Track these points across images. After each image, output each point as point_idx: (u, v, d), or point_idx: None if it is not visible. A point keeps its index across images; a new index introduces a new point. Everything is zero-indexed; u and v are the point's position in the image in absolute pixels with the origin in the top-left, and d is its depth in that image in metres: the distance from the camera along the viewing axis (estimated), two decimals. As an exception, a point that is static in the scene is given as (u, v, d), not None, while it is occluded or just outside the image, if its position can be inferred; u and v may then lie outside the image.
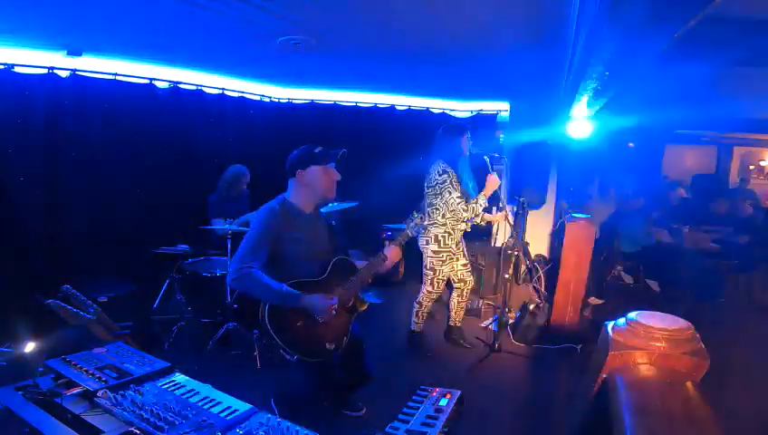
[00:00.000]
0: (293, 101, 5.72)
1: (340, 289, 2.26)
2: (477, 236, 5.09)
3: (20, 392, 1.53)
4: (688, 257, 4.92)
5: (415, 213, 2.56)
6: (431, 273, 3.50)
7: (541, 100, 5.21)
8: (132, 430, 1.32)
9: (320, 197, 2.28)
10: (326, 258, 2.29)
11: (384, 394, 3.01)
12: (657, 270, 5.14)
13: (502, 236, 5.02)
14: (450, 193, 3.28)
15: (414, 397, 2.79)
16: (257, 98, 5.30)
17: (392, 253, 2.39)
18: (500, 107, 5.82)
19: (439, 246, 3.42)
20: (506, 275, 3.88)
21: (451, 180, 3.29)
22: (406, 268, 5.37)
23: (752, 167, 8.95)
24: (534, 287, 4.67)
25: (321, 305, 2.09)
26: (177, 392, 1.54)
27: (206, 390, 1.57)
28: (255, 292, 2.07)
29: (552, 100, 4.99)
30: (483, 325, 4.26)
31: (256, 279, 2.01)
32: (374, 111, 5.90)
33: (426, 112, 6.03)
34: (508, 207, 4.14)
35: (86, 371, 1.61)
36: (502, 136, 5.94)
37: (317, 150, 2.22)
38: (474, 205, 3.29)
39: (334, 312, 2.14)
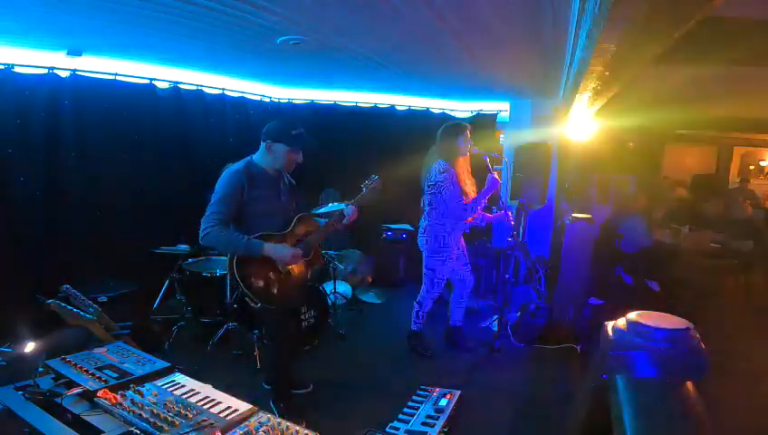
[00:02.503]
0: (293, 101, 5.72)
1: (303, 242, 2.49)
2: (477, 236, 5.10)
3: (20, 392, 1.53)
4: (688, 257, 4.91)
5: (374, 175, 2.78)
6: (431, 272, 3.50)
7: (541, 100, 5.21)
8: (132, 430, 1.32)
9: (278, 168, 2.51)
10: (289, 214, 2.53)
11: (384, 394, 3.01)
12: (657, 270, 5.14)
13: (501, 236, 5.03)
14: (450, 192, 3.28)
15: (414, 397, 2.81)
16: (257, 98, 5.30)
17: (349, 213, 2.64)
18: (500, 107, 5.82)
19: (439, 246, 3.42)
20: (506, 276, 3.88)
21: (451, 179, 3.29)
22: (406, 268, 5.38)
23: (752, 167, 8.97)
24: (534, 287, 4.68)
25: (283, 254, 2.35)
26: (177, 392, 1.54)
27: (206, 390, 1.57)
28: (222, 244, 2.32)
29: (551, 100, 5.00)
30: (483, 325, 4.26)
31: (222, 234, 2.25)
32: (374, 111, 5.90)
33: (426, 112, 6.03)
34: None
35: (86, 371, 1.61)
36: (502, 136, 5.95)
37: (294, 133, 2.44)
38: (473, 204, 3.29)
39: (296, 262, 2.42)
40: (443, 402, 2.74)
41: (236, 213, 2.33)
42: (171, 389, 1.56)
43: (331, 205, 4.48)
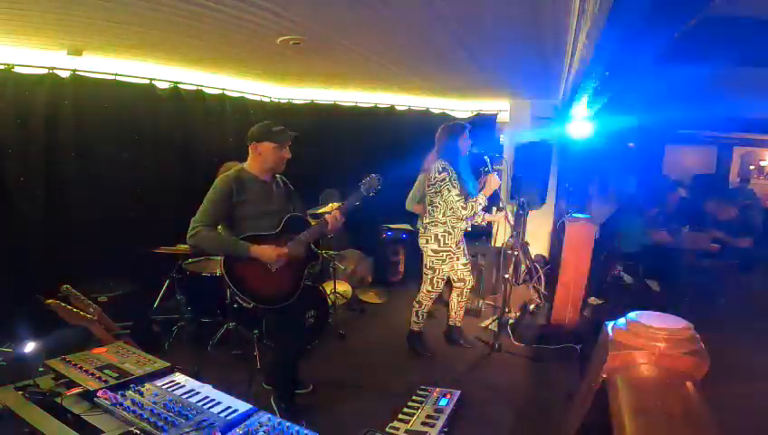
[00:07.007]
0: (293, 102, 5.72)
1: (291, 243, 2.49)
2: (477, 236, 5.10)
3: (20, 392, 1.53)
4: (688, 257, 4.91)
5: (372, 175, 2.71)
6: (431, 272, 3.50)
7: (541, 100, 5.21)
8: (132, 430, 1.31)
9: (269, 168, 2.51)
10: (282, 217, 2.52)
11: (384, 394, 3.01)
12: (657, 270, 5.13)
13: (502, 236, 5.02)
14: (449, 190, 3.29)
15: (414, 397, 2.80)
16: (257, 98, 5.30)
17: (332, 218, 2.59)
18: (500, 107, 5.82)
19: (439, 246, 3.42)
20: (506, 275, 3.88)
21: (450, 178, 3.29)
22: (406, 268, 5.38)
23: (752, 167, 8.95)
24: (534, 287, 4.68)
25: (269, 254, 2.36)
26: (177, 392, 1.54)
27: (206, 390, 1.57)
28: (209, 245, 2.33)
29: (551, 100, 5.00)
30: (483, 325, 4.26)
31: (209, 235, 2.30)
32: (374, 111, 5.90)
33: (426, 112, 6.03)
34: (508, 207, 4.14)
35: (86, 371, 1.61)
36: (502, 136, 5.95)
37: (274, 129, 2.46)
38: (473, 203, 3.30)
39: (282, 261, 2.42)
40: (443, 402, 2.73)
41: (225, 215, 2.38)
42: (171, 389, 1.56)
43: (330, 205, 4.49)
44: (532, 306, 4.07)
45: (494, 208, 3.91)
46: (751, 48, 2.32)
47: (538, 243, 5.37)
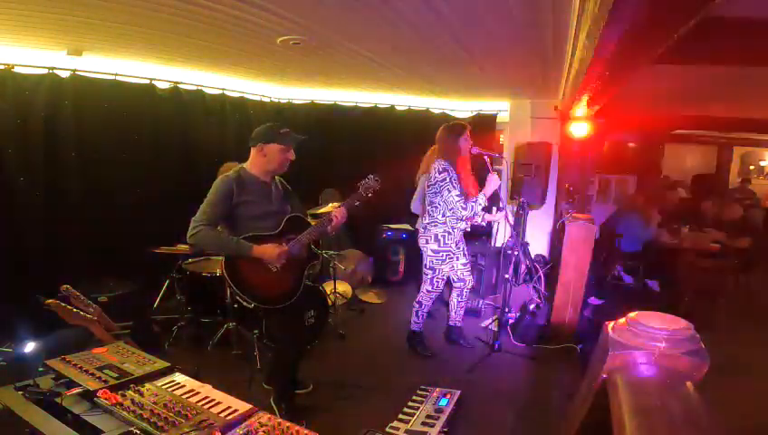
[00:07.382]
0: (293, 102, 5.72)
1: (292, 242, 2.50)
2: (477, 236, 5.10)
3: (20, 392, 1.53)
4: (688, 257, 4.91)
5: (370, 175, 2.71)
6: (431, 272, 3.50)
7: (541, 100, 5.21)
8: (132, 430, 1.32)
9: (273, 170, 2.52)
10: (281, 217, 2.53)
11: (384, 394, 3.01)
12: (657, 270, 5.14)
13: (502, 236, 5.02)
14: (449, 191, 3.29)
15: (414, 397, 2.80)
16: (257, 98, 5.30)
17: (338, 214, 2.58)
18: (500, 107, 5.82)
19: (439, 246, 3.42)
20: (506, 275, 3.88)
21: (450, 178, 3.29)
22: (406, 268, 5.38)
23: (752, 167, 8.96)
24: (534, 287, 4.68)
25: (270, 254, 2.37)
26: (177, 392, 1.54)
27: (206, 390, 1.57)
28: (210, 245, 2.34)
29: (551, 100, 5.00)
30: (483, 325, 4.26)
31: (210, 234, 2.30)
32: (374, 111, 5.90)
33: (425, 112, 6.03)
34: (508, 207, 4.14)
35: (86, 371, 1.61)
36: (502, 136, 5.95)
37: (282, 131, 2.47)
38: (473, 203, 3.30)
39: (284, 260, 2.43)
40: (443, 402, 2.73)
41: (225, 216, 2.39)
42: (171, 389, 1.56)
43: (330, 205, 4.49)
44: (532, 306, 4.07)
45: (494, 208, 3.91)
46: (751, 48, 2.32)
47: (538, 243, 5.37)
